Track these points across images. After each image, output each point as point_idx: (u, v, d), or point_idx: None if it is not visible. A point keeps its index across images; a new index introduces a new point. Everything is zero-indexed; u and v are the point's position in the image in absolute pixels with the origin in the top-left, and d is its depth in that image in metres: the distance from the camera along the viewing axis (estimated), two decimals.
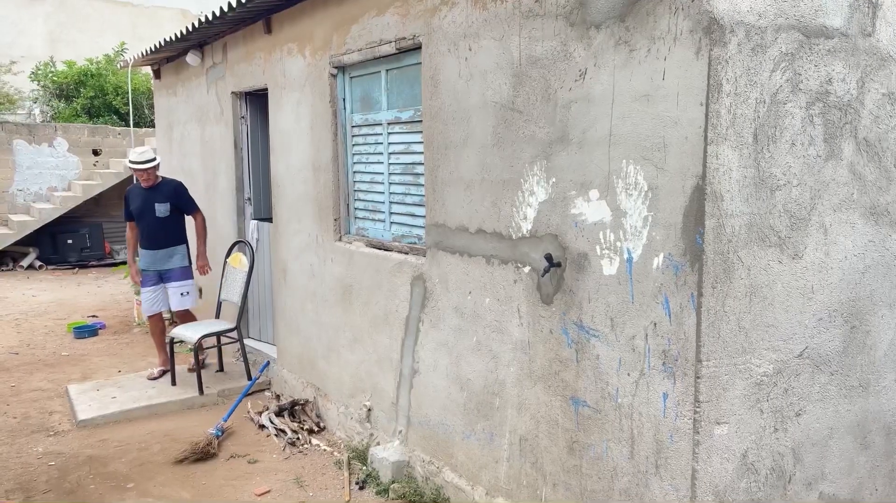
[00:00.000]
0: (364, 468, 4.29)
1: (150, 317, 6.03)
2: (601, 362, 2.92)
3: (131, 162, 5.69)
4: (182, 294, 5.90)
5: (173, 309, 5.99)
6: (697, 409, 2.54)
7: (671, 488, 2.66)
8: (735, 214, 2.52)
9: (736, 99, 2.47)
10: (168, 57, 7.65)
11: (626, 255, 2.77)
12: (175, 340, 5.80)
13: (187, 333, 5.66)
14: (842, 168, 2.80)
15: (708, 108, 2.43)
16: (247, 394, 5.35)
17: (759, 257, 2.61)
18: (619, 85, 2.75)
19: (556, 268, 3.12)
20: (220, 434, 4.81)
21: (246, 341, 6.03)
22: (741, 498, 2.68)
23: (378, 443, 4.41)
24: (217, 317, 6.03)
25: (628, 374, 2.80)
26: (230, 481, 4.28)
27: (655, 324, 2.68)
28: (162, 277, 5.84)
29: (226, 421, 4.94)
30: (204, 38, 6.41)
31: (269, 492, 4.13)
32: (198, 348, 5.64)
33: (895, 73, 2.92)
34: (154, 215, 5.74)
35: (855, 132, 2.83)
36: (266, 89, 5.58)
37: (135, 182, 5.90)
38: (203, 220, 6.04)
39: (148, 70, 9.86)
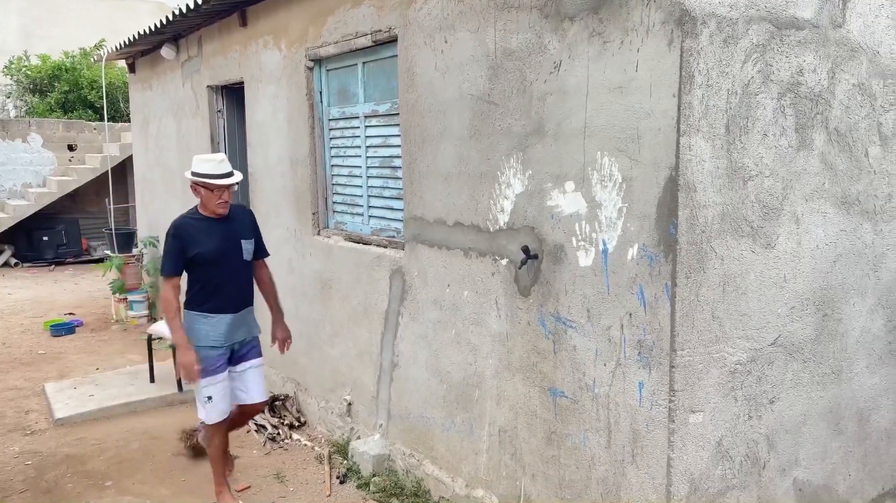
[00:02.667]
0: (345, 462, 4.29)
1: (219, 423, 3.79)
2: (578, 353, 2.94)
3: (201, 176, 3.59)
4: (262, 376, 3.98)
5: (256, 400, 3.91)
6: (672, 398, 2.57)
7: (647, 476, 2.68)
8: (708, 205, 2.54)
9: (708, 90, 2.49)
10: (143, 51, 7.56)
11: (601, 247, 2.79)
12: (153, 337, 5.74)
13: (165, 330, 5.60)
14: (813, 158, 2.83)
15: (680, 100, 2.44)
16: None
17: (733, 247, 2.63)
18: (593, 77, 2.75)
19: (533, 261, 3.14)
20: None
21: None
22: (716, 485, 2.72)
23: (359, 437, 4.41)
24: None
25: (605, 365, 2.82)
26: (210, 478, 4.24)
27: (631, 314, 2.70)
28: (233, 354, 3.83)
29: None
30: (179, 31, 6.34)
31: (249, 488, 4.12)
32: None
33: (865, 64, 2.96)
34: (241, 259, 3.77)
35: (826, 123, 2.86)
36: (242, 83, 5.53)
37: (190, 212, 3.75)
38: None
39: (123, 64, 9.74)
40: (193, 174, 3.61)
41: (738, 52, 2.54)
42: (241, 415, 3.96)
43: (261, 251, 3.96)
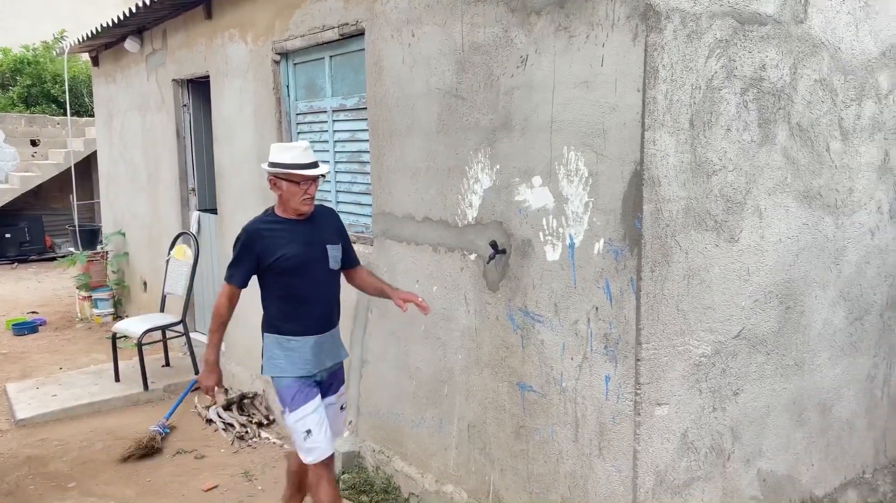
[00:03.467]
0: None
1: (326, 461, 3.13)
2: (546, 347, 2.94)
3: (283, 167, 3.00)
4: (343, 407, 3.38)
5: (338, 435, 3.35)
6: (638, 391, 2.58)
7: (614, 469, 2.70)
8: (672, 199, 2.56)
9: (672, 85, 2.50)
10: (106, 43, 7.40)
11: (568, 241, 2.79)
12: (118, 335, 5.64)
13: (130, 328, 5.52)
14: (776, 153, 2.87)
15: (645, 94, 2.45)
16: (193, 389, 5.23)
17: (697, 241, 2.65)
18: (559, 71, 2.75)
19: (501, 255, 3.13)
20: (165, 431, 4.70)
21: (193, 335, 5.90)
22: (681, 477, 2.74)
23: None
24: (162, 310, 5.89)
25: (572, 359, 2.83)
26: (176, 477, 4.19)
27: (597, 308, 2.71)
28: (321, 384, 3.19)
29: (168, 418, 4.83)
30: (143, 23, 6.22)
31: (216, 487, 4.06)
32: (141, 344, 5.48)
33: (827, 60, 3.00)
34: (327, 268, 3.14)
35: (788, 117, 2.89)
36: (208, 76, 5.44)
37: (265, 214, 3.17)
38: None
39: (87, 57, 9.53)
40: (273, 165, 3.03)
41: (701, 48, 2.56)
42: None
43: (350, 258, 3.29)
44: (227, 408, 4.95)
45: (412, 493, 3.73)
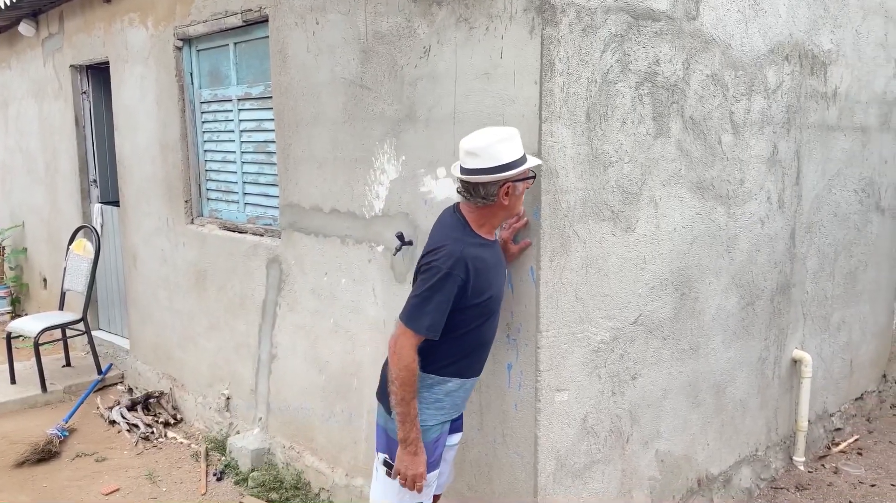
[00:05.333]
0: (223, 458, 4.15)
1: None
2: None
3: (519, 166, 2.32)
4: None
5: (445, 484, 2.75)
6: (538, 378, 2.63)
7: (516, 456, 2.74)
8: (570, 190, 2.61)
9: (568, 78, 2.54)
10: (0, 27, 6.96)
11: None
12: (13, 335, 5.33)
13: (26, 327, 5.22)
14: (670, 145, 2.97)
15: (542, 87, 2.48)
16: (95, 390, 5.02)
17: (594, 231, 2.72)
18: (461, 63, 2.76)
19: (408, 247, 3.12)
20: (64, 434, 4.49)
21: (96, 333, 5.65)
22: (582, 460, 2.81)
23: (238, 432, 4.27)
24: (61, 308, 5.60)
25: None
26: (75, 482, 4.00)
27: None
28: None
29: (67, 421, 4.61)
30: (38, 6, 5.86)
31: (117, 490, 3.90)
32: (38, 344, 5.20)
33: (718, 56, 3.12)
34: (502, 299, 2.53)
35: (682, 111, 3.00)
36: (108, 62, 5.19)
37: (464, 233, 2.38)
38: None
39: None
40: (509, 167, 2.27)
41: (597, 42, 2.62)
42: None
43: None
44: (131, 408, 4.76)
45: (322, 488, 3.69)
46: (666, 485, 3.23)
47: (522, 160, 2.32)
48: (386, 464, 2.46)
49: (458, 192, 2.39)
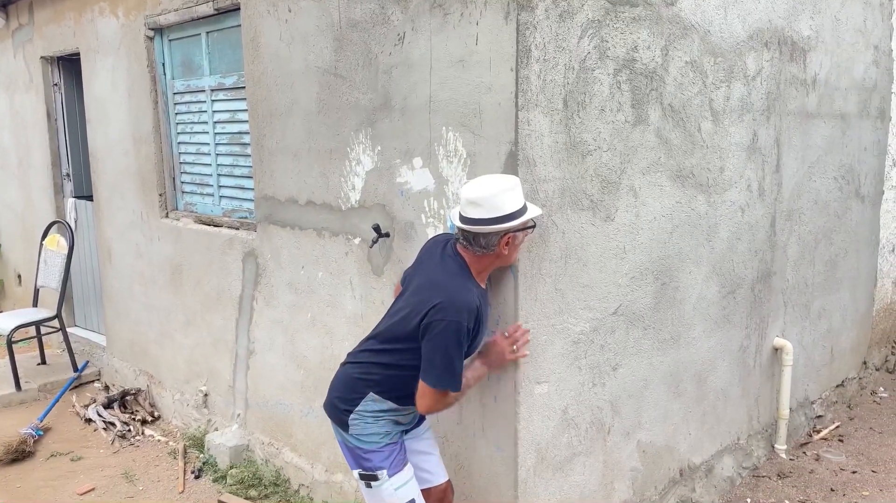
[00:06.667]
0: (201, 456, 4.08)
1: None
2: None
3: (522, 216, 2.34)
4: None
5: (443, 478, 2.71)
6: (518, 370, 2.59)
7: (496, 449, 2.70)
8: (548, 179, 2.56)
9: (545, 65, 2.49)
10: None
11: (449, 223, 2.76)
12: None
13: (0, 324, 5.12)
14: (649, 133, 2.93)
15: (518, 74, 2.43)
16: (71, 387, 4.93)
17: (573, 220, 2.67)
18: (436, 50, 2.70)
19: (384, 239, 3.07)
20: (39, 433, 4.40)
21: (71, 330, 5.55)
22: (563, 453, 2.78)
23: (216, 429, 4.21)
24: (35, 305, 5.49)
25: None
26: (49, 482, 3.93)
27: None
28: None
29: (41, 420, 4.52)
30: None
31: (93, 489, 3.83)
32: (11, 341, 5.10)
33: (697, 42, 3.08)
34: None
35: (661, 98, 2.96)
36: (79, 53, 5.08)
37: (464, 279, 2.38)
38: None
39: None
40: (511, 217, 2.28)
41: (574, 28, 2.56)
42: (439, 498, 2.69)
43: None
44: (107, 406, 4.68)
45: (302, 484, 3.64)
46: (648, 476, 3.21)
47: (523, 210, 2.33)
48: (362, 477, 2.48)
49: (456, 240, 2.41)
